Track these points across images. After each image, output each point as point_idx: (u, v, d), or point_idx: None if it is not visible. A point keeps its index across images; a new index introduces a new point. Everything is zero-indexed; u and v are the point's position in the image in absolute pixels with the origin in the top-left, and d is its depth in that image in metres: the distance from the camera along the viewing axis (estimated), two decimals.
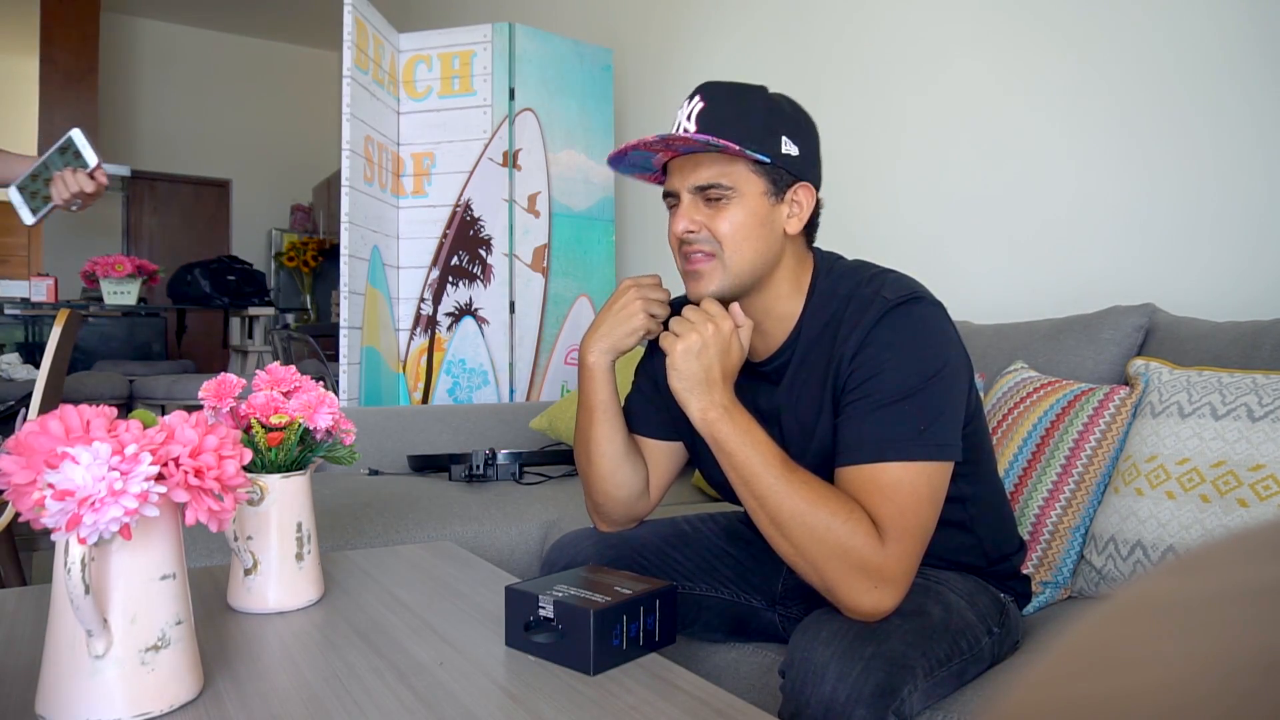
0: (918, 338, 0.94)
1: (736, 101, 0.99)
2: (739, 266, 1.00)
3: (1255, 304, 1.48)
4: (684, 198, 1.01)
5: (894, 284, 0.99)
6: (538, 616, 0.86)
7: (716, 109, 0.98)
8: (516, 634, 0.88)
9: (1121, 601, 0.18)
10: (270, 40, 7.31)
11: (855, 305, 0.99)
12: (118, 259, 3.87)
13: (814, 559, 0.88)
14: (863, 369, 0.95)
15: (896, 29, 2.23)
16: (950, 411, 0.93)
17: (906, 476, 0.89)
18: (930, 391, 0.92)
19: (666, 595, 0.92)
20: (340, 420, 1.04)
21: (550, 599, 0.85)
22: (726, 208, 0.99)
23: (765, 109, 1.00)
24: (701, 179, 0.99)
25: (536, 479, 2.18)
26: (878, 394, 0.92)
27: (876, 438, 0.91)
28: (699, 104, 0.99)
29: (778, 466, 0.92)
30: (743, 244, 1.00)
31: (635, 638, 0.87)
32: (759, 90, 1.02)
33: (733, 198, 0.99)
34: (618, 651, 0.85)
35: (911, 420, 0.91)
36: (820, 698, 0.81)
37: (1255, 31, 1.50)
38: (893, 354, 0.93)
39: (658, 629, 0.90)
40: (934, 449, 0.91)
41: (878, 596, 0.87)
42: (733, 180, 0.99)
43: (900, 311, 0.95)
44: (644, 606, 0.88)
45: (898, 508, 0.89)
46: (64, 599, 0.66)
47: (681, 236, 1.00)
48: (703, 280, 1.01)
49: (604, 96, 3.10)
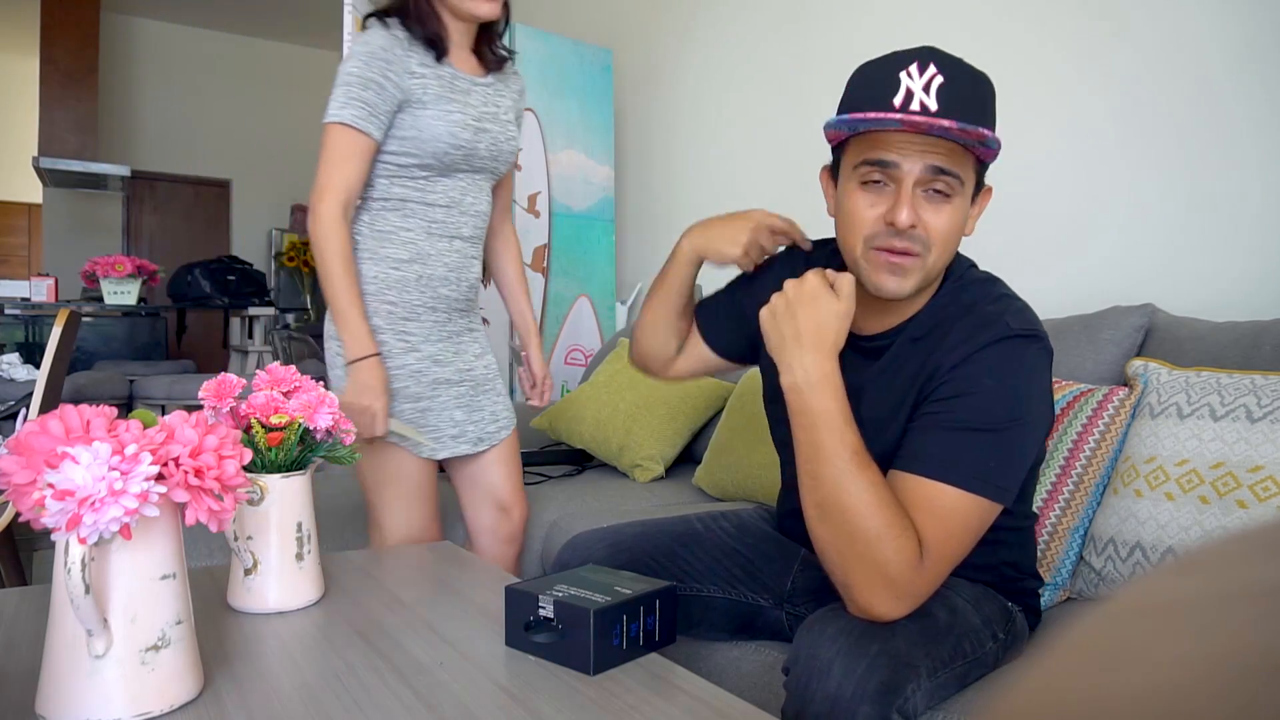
0: (1019, 375, 0.90)
1: (974, 85, 0.90)
2: (936, 269, 0.94)
3: (1255, 304, 1.48)
4: (907, 181, 0.89)
5: (1019, 314, 0.94)
6: (538, 616, 0.86)
7: (959, 89, 0.88)
8: (517, 634, 0.88)
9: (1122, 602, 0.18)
10: (270, 40, 7.31)
11: (974, 318, 0.94)
12: (118, 259, 3.87)
13: (848, 558, 0.86)
14: (955, 384, 0.91)
15: (896, 28, 2.23)
16: (1020, 460, 0.91)
17: (962, 506, 0.87)
18: (1010, 434, 0.89)
19: (666, 595, 0.91)
20: (340, 420, 1.04)
21: (550, 599, 0.85)
22: (947, 204, 0.91)
23: (993, 102, 0.92)
24: (939, 162, 0.88)
25: (537, 479, 2.18)
26: (960, 415, 0.89)
27: (944, 457, 0.88)
28: (937, 76, 0.87)
29: (850, 455, 0.87)
30: (948, 246, 0.93)
31: (635, 637, 0.87)
32: (985, 77, 0.93)
33: (956, 195, 0.91)
34: (618, 651, 0.85)
35: (983, 454, 0.88)
36: (825, 694, 0.81)
37: (1255, 31, 1.51)
38: (991, 382, 0.90)
39: (658, 628, 0.90)
40: (993, 489, 0.88)
41: (893, 608, 0.87)
42: (964, 174, 0.90)
43: (1015, 344, 0.91)
44: (644, 606, 0.88)
45: (946, 533, 0.87)
46: (64, 599, 0.66)
47: (904, 229, 0.90)
48: (906, 276, 0.92)
49: (604, 96, 3.11)
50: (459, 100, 1.41)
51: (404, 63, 1.35)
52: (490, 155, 1.47)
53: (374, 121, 1.31)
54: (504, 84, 1.54)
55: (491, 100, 1.48)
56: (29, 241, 8.03)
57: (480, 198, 1.49)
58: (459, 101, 1.41)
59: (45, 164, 5.09)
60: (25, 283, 3.96)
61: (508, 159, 1.51)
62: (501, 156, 1.49)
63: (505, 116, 1.50)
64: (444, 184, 1.43)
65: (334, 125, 1.30)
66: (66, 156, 5.62)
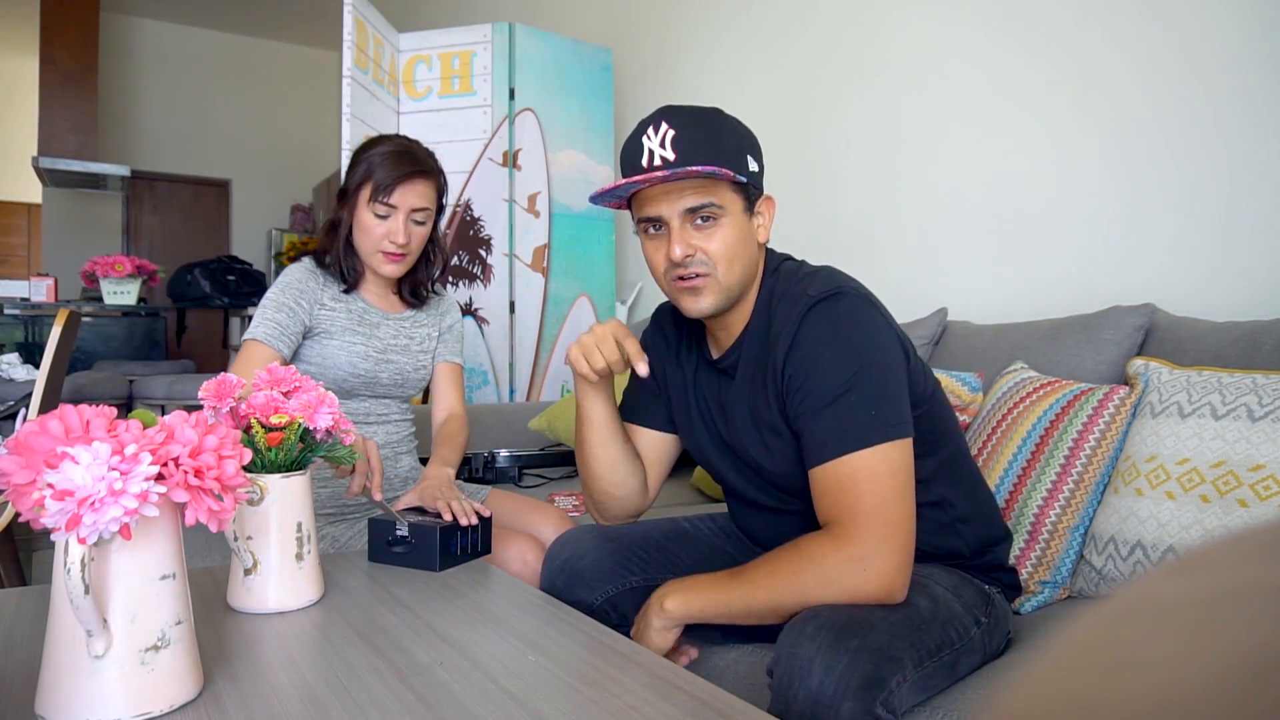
0: (842, 330, 0.98)
1: (705, 126, 1.03)
2: (730, 281, 1.05)
3: (1255, 304, 1.48)
4: (674, 223, 1.03)
5: (819, 280, 1.03)
6: (395, 536, 1.17)
7: (691, 134, 1.01)
8: (380, 550, 1.19)
9: (1122, 602, 0.18)
10: (270, 40, 7.32)
11: (785, 304, 1.04)
12: (118, 259, 3.86)
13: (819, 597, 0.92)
14: (799, 368, 1.00)
15: (895, 29, 2.23)
16: (893, 390, 0.97)
17: (863, 463, 0.94)
18: (867, 377, 0.96)
19: (484, 520, 1.24)
20: (340, 420, 1.04)
21: (405, 523, 1.17)
22: (717, 229, 1.03)
23: (731, 131, 1.05)
24: (691, 202, 1.02)
25: (537, 481, 2.18)
26: (819, 391, 0.97)
27: (834, 434, 0.96)
28: (669, 131, 1.01)
29: (733, 587, 0.98)
30: (734, 261, 1.05)
31: (466, 547, 1.21)
32: (718, 113, 1.05)
33: (722, 218, 1.03)
34: (453, 557, 1.18)
35: (860, 408, 0.95)
36: (807, 691, 0.82)
37: (1255, 31, 1.50)
38: (822, 349, 0.98)
39: (479, 543, 1.24)
40: (887, 429, 0.95)
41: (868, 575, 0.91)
42: (720, 200, 1.02)
43: (822, 307, 1.00)
44: (470, 528, 1.21)
45: (881, 494, 0.93)
46: (64, 599, 0.66)
47: (680, 260, 1.03)
48: (700, 296, 1.05)
49: (604, 96, 3.11)
50: (364, 333, 1.54)
51: (316, 295, 1.51)
52: (394, 383, 1.58)
53: (284, 340, 1.45)
54: (426, 315, 1.66)
55: (405, 333, 1.61)
56: (29, 241, 8.03)
57: (389, 412, 1.61)
58: (364, 334, 1.54)
59: (45, 164, 5.09)
60: (25, 283, 3.96)
61: (416, 386, 1.63)
62: (408, 384, 1.61)
63: (418, 347, 1.62)
64: (350, 404, 1.55)
65: (249, 340, 1.44)
66: (66, 156, 5.62)
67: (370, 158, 1.49)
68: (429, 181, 1.51)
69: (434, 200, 1.54)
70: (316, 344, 1.51)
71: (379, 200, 1.47)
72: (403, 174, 1.47)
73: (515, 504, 1.58)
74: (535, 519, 1.55)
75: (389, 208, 1.47)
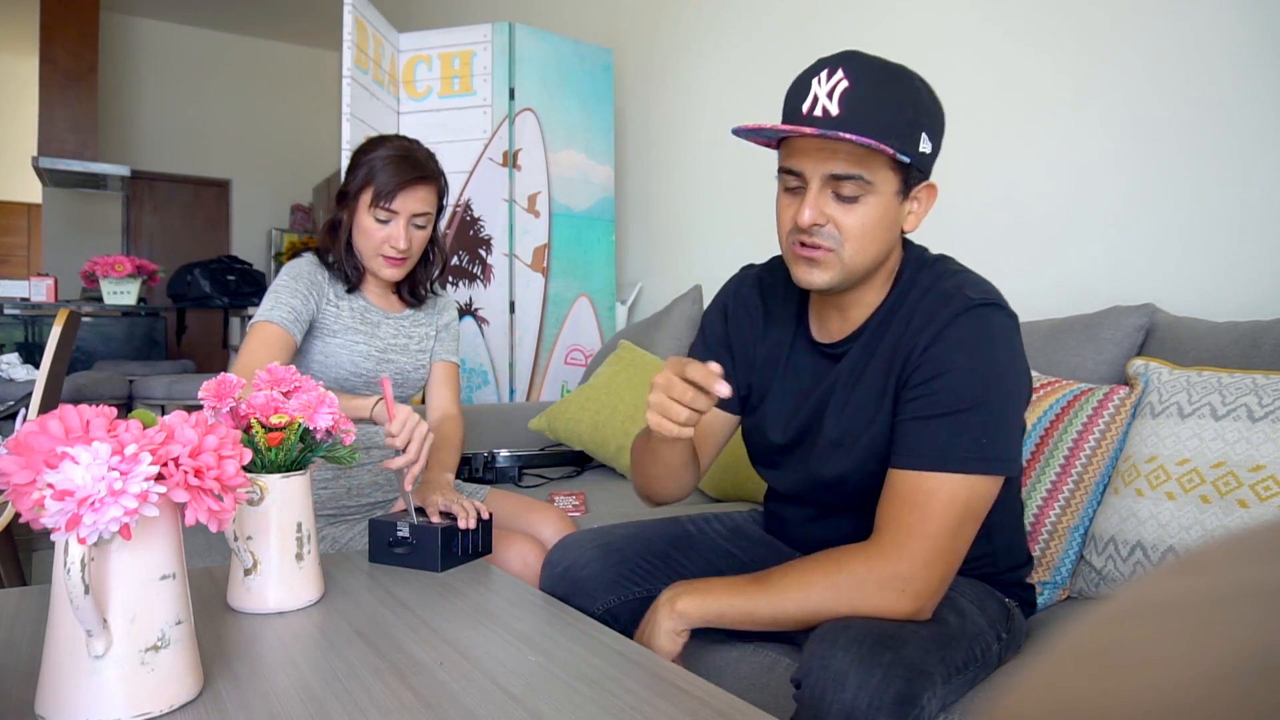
0: (990, 345, 0.92)
1: (884, 87, 0.91)
2: (857, 264, 0.96)
3: (1255, 304, 1.48)
4: (814, 184, 0.93)
5: (976, 285, 0.96)
6: (396, 537, 1.18)
7: (863, 92, 0.89)
8: (381, 551, 1.19)
9: (1122, 602, 0.18)
10: (270, 40, 7.31)
11: (933, 298, 0.96)
12: (118, 259, 3.86)
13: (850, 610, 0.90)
14: (929, 366, 0.93)
15: (896, 28, 2.23)
16: (1011, 427, 0.92)
17: (947, 486, 0.89)
18: (992, 401, 0.90)
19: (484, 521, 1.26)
20: (340, 420, 1.04)
21: (405, 525, 1.18)
22: (859, 205, 0.93)
23: (913, 100, 0.93)
24: (838, 168, 0.91)
25: (537, 481, 2.18)
26: (941, 398, 0.91)
27: (935, 447, 0.90)
28: (842, 80, 0.89)
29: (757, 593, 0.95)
30: (867, 243, 0.95)
31: (466, 548, 1.21)
32: (905, 76, 0.94)
33: (867, 194, 0.93)
34: (455, 558, 1.19)
35: (973, 431, 0.89)
36: (841, 705, 0.80)
37: (1255, 31, 1.50)
38: (962, 357, 0.91)
39: (480, 543, 1.25)
40: (991, 463, 0.90)
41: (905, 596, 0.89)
42: (872, 174, 0.92)
43: (978, 314, 0.93)
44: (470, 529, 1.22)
45: (928, 514, 0.89)
46: (64, 599, 0.66)
47: (806, 227, 0.94)
48: (816, 270, 0.96)
49: (604, 96, 3.10)
50: (366, 332, 1.54)
51: (324, 290, 1.51)
52: (394, 383, 1.58)
53: (297, 325, 1.43)
54: (425, 314, 1.66)
55: (405, 332, 1.61)
56: (28, 241, 8.03)
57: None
58: (365, 333, 1.54)
59: (45, 164, 5.08)
60: (25, 282, 3.96)
61: (415, 386, 1.64)
62: (408, 384, 1.62)
63: (417, 346, 1.62)
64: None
65: (262, 322, 1.41)
66: (66, 156, 5.62)
67: (371, 161, 1.48)
68: (430, 186, 1.50)
69: (435, 204, 1.53)
70: (319, 341, 1.51)
71: (380, 205, 1.46)
72: (404, 180, 1.46)
73: (515, 504, 1.58)
74: (535, 519, 1.55)
75: (390, 213, 1.47)
